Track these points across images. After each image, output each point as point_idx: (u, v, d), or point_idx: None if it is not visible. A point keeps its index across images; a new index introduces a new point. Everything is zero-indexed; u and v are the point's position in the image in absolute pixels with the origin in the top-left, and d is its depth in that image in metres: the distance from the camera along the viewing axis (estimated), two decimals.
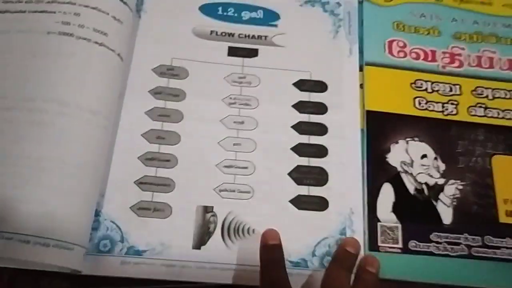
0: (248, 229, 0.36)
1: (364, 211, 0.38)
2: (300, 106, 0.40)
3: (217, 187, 0.37)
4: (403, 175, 0.39)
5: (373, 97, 0.41)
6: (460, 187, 0.39)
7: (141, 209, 0.36)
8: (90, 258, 0.34)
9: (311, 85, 0.41)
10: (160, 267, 0.35)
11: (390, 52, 0.43)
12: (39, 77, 0.38)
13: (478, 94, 0.42)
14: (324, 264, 0.36)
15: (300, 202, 0.38)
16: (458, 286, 0.36)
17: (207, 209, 0.36)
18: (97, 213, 0.36)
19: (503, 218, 0.38)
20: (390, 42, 0.44)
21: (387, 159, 0.39)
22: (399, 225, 0.37)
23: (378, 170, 0.39)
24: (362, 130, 0.40)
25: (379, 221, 0.37)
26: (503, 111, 0.42)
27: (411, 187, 0.39)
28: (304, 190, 0.38)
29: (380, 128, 0.40)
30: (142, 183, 0.37)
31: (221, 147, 0.38)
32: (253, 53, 0.42)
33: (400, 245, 0.37)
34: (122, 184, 0.36)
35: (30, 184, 0.34)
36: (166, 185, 0.37)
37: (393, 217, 0.37)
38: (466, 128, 0.41)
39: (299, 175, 0.38)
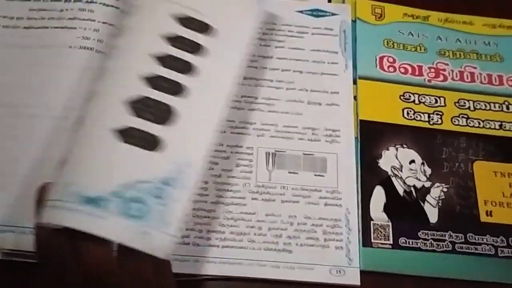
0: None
1: (358, 210, 0.41)
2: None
3: None
4: (393, 179, 0.43)
5: (366, 107, 0.45)
6: (445, 189, 0.43)
7: None
8: None
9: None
10: None
11: (381, 67, 0.48)
12: (61, 89, 0.42)
13: (461, 105, 0.47)
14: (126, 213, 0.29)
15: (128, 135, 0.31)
16: (443, 278, 0.40)
17: None
18: None
19: (483, 218, 0.42)
20: (381, 58, 0.48)
21: (379, 164, 0.43)
22: (390, 224, 0.41)
23: (370, 174, 0.43)
24: (356, 138, 0.44)
25: (372, 219, 0.41)
26: (483, 121, 0.46)
27: (400, 190, 0.42)
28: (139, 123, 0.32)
29: (372, 136, 0.44)
30: None
31: None
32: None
33: (390, 241, 0.40)
34: None
35: None
36: None
37: (384, 216, 0.41)
38: (450, 137, 0.45)
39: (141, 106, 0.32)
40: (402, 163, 0.43)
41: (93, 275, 0.28)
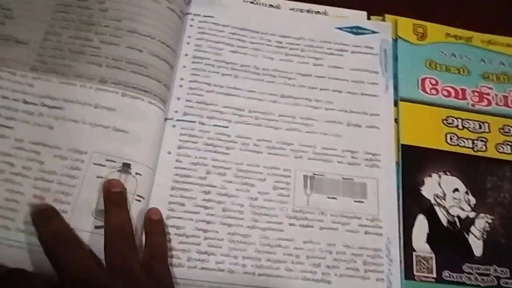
0: None
1: (400, 240, 0.39)
2: None
3: None
4: (436, 208, 0.41)
5: (407, 131, 0.44)
6: (490, 220, 0.41)
7: None
8: None
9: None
10: None
11: (423, 89, 0.46)
12: None
13: (506, 132, 0.45)
14: None
15: None
16: None
17: None
18: None
19: None
20: (423, 80, 0.46)
21: (421, 191, 0.41)
22: (433, 256, 0.39)
23: (413, 202, 0.41)
24: (397, 163, 0.42)
25: (414, 250, 0.39)
26: None
27: (444, 219, 0.41)
28: None
29: (414, 162, 0.42)
30: None
31: None
32: None
33: (434, 274, 0.39)
34: None
35: None
36: None
37: (427, 247, 0.39)
38: (494, 165, 0.43)
39: None
40: (446, 191, 0.42)
41: None
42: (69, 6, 0.42)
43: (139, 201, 0.37)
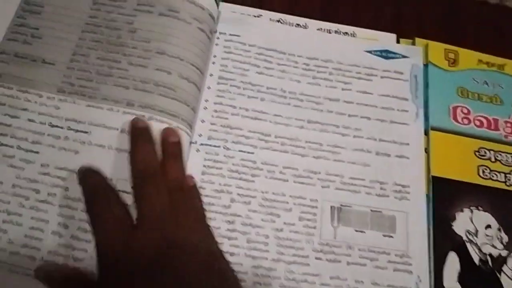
0: None
1: (430, 279, 0.38)
2: None
3: None
4: (468, 245, 0.39)
5: (438, 163, 0.42)
6: None
7: None
8: None
9: None
10: None
11: (455, 118, 0.44)
12: None
13: None
14: None
15: None
16: None
17: None
18: None
19: None
20: (455, 108, 0.44)
21: (452, 227, 0.40)
22: None
23: (444, 238, 0.39)
24: (427, 195, 0.41)
25: None
26: None
27: (476, 257, 0.39)
28: None
29: (446, 195, 0.41)
30: None
31: None
32: None
33: None
34: None
35: None
36: None
37: (458, 287, 0.38)
38: None
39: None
40: (478, 228, 0.40)
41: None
42: (98, 26, 0.41)
43: None
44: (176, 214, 0.32)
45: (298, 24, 0.47)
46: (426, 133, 0.43)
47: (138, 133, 0.36)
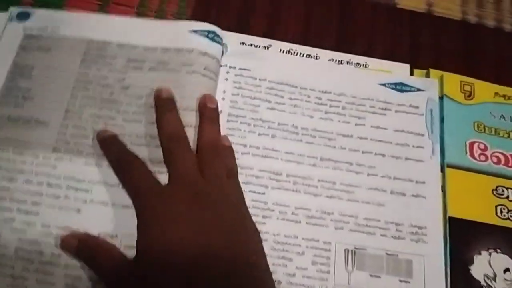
0: None
1: None
2: None
3: None
4: None
5: (455, 202, 0.41)
6: None
7: None
8: None
9: None
10: None
11: (471, 154, 0.43)
12: None
13: None
14: None
15: None
16: None
17: None
18: None
19: None
20: (471, 144, 0.43)
21: (470, 271, 0.38)
22: None
23: (462, 283, 0.38)
24: (444, 237, 0.39)
25: None
26: None
27: None
28: None
29: (463, 237, 0.39)
30: None
31: None
32: None
33: None
34: None
35: None
36: None
37: None
38: None
39: None
40: (496, 272, 0.39)
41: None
42: (89, 83, 0.40)
43: None
44: (209, 172, 0.36)
45: (309, 55, 0.46)
46: (442, 170, 0.42)
47: (162, 103, 0.39)
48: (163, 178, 0.36)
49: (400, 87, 0.45)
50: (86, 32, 0.42)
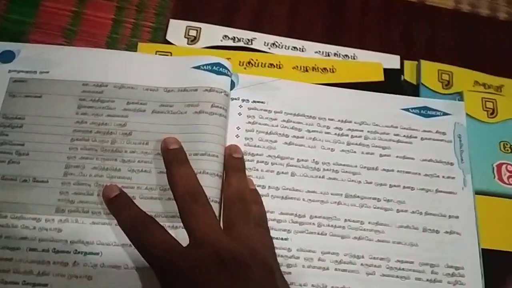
0: None
1: None
2: None
3: None
4: None
5: (487, 233, 0.38)
6: None
7: None
8: None
9: None
10: None
11: (500, 178, 0.40)
12: None
13: None
14: None
15: None
16: None
17: None
18: None
19: None
20: (499, 166, 0.41)
21: None
22: None
23: None
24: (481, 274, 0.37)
25: None
26: None
27: None
28: None
29: (498, 271, 0.37)
30: None
31: None
32: None
33: None
34: None
35: None
36: None
37: None
38: None
39: None
40: None
41: None
42: (88, 132, 0.36)
43: None
44: (236, 228, 0.33)
45: (295, 47, 0.44)
46: None
47: (172, 156, 0.36)
48: (181, 233, 0.33)
49: (425, 111, 0.41)
50: (79, 72, 0.38)
